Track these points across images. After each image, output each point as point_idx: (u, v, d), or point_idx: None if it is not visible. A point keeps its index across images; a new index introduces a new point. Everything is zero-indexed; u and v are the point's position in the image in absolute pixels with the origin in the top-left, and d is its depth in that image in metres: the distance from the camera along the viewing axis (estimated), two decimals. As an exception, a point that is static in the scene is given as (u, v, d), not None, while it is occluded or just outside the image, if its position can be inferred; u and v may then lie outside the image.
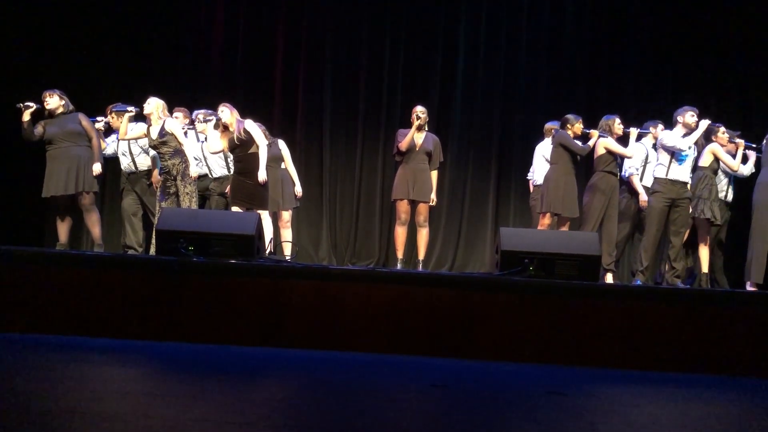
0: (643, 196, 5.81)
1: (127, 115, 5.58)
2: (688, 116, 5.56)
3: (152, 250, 5.40)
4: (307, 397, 2.41)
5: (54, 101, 5.51)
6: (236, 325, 3.50)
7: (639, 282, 5.46)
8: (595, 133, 5.72)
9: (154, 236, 4.65)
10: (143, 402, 2.11)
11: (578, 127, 5.73)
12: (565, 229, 5.66)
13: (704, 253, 5.72)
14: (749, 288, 5.30)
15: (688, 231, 5.70)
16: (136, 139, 5.80)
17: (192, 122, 6.06)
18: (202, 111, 6.05)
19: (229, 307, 3.51)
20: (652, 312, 3.51)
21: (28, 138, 5.50)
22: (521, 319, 3.51)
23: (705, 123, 5.54)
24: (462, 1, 7.98)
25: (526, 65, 7.96)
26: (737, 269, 5.69)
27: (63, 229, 5.61)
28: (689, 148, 5.50)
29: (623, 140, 5.86)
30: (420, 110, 5.90)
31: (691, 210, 5.58)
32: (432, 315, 3.51)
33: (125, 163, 6.08)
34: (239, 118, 5.43)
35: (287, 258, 5.85)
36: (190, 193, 5.48)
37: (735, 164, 5.66)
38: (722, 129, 5.74)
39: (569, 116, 5.80)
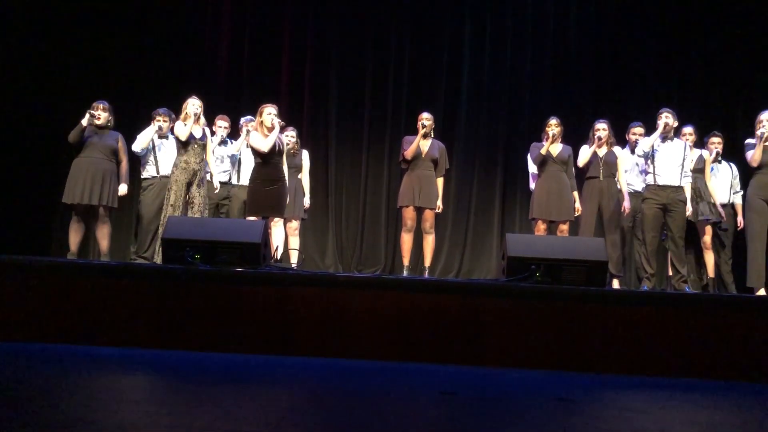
0: (625, 203, 5.81)
1: (193, 117, 5.65)
2: (659, 119, 5.48)
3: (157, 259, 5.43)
4: (315, 405, 2.41)
5: (104, 116, 5.67)
6: (243, 333, 3.51)
7: (646, 288, 5.44)
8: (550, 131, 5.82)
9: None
10: (150, 410, 2.11)
11: (547, 129, 5.84)
12: (564, 233, 5.70)
13: (708, 257, 5.69)
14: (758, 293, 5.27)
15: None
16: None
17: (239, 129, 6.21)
18: (251, 117, 6.11)
19: (235, 315, 3.52)
20: (660, 317, 3.50)
21: (75, 140, 5.60)
22: (528, 325, 3.51)
23: (661, 124, 5.39)
24: (467, 8, 8.01)
25: (532, 73, 7.98)
26: (746, 273, 5.65)
27: (75, 238, 5.60)
28: (643, 152, 5.40)
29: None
30: (426, 117, 5.91)
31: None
32: (439, 322, 3.51)
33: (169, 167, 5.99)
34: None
35: (293, 266, 5.86)
36: (201, 203, 5.56)
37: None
38: (684, 129, 5.70)
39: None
